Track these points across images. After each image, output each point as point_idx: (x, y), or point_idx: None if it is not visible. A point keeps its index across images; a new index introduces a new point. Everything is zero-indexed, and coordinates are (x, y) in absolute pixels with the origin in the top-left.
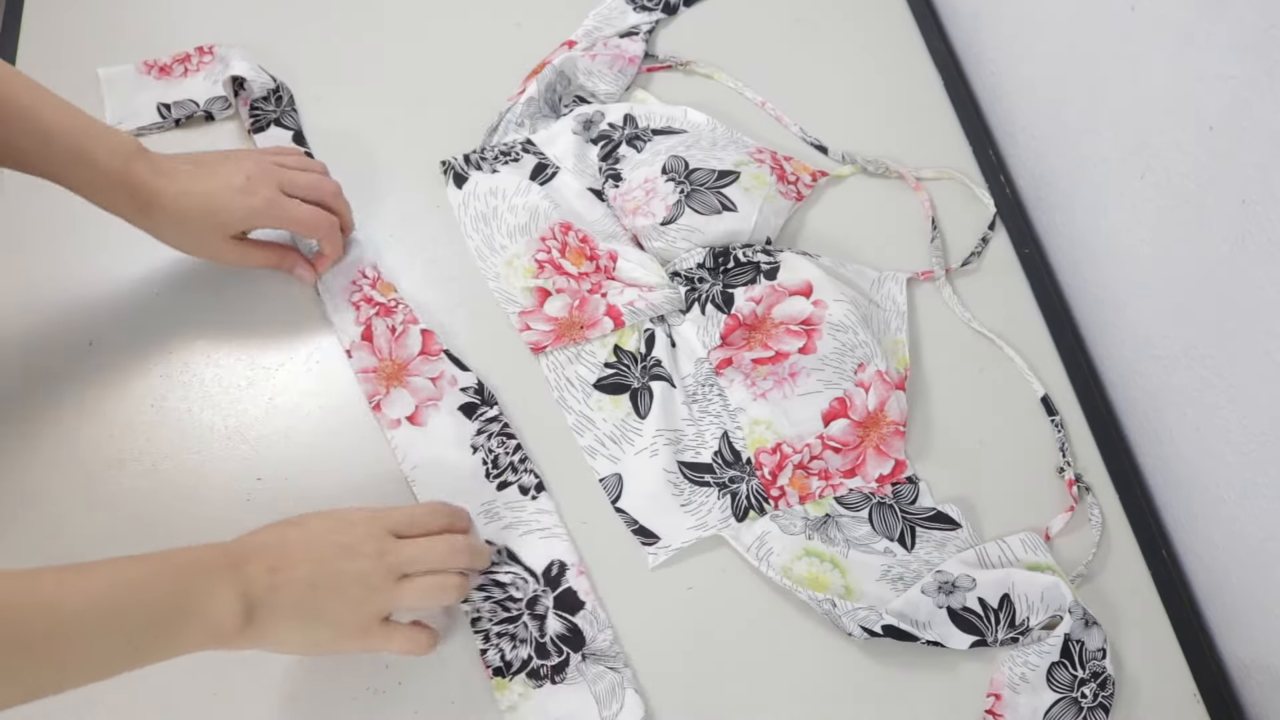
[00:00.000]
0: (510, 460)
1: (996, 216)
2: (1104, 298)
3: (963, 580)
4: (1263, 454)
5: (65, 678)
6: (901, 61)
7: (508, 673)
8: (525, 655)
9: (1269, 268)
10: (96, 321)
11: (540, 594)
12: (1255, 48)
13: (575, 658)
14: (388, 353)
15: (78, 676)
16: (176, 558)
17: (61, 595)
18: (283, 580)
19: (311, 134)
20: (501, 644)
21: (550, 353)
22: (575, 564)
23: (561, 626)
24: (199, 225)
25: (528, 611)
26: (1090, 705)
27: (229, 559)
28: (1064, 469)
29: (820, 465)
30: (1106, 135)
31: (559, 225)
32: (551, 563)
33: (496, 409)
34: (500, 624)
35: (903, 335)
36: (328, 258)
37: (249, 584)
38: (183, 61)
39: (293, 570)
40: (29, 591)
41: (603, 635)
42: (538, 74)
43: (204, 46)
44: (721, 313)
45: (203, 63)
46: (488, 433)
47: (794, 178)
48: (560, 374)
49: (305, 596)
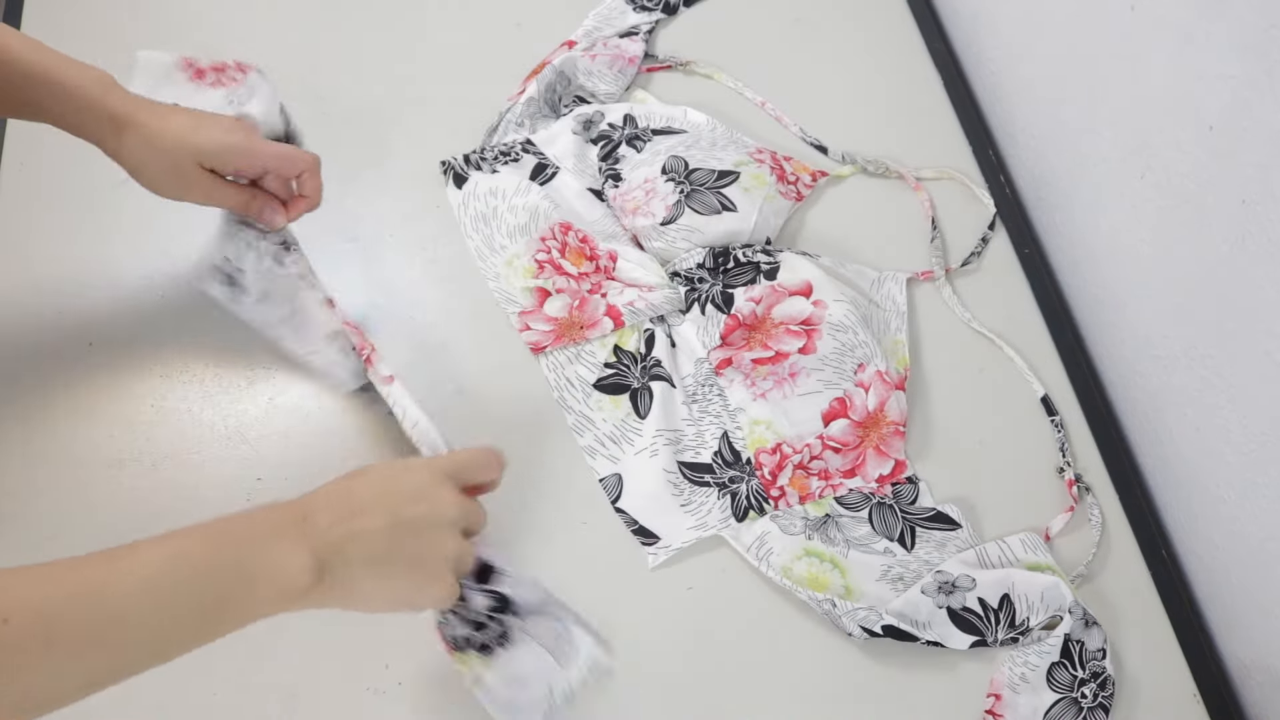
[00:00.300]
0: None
1: (996, 216)
2: (1104, 298)
3: (963, 580)
4: (1263, 454)
5: (127, 665)
6: (901, 61)
7: (465, 648)
8: (466, 634)
9: (1269, 268)
10: (96, 322)
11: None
12: (1255, 47)
13: (514, 620)
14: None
15: (139, 662)
16: (235, 523)
17: (110, 580)
18: (356, 529)
19: (311, 134)
20: (452, 619)
21: (550, 353)
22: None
23: (486, 600)
24: (173, 150)
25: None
26: (1090, 705)
27: (294, 515)
28: (1064, 469)
29: (820, 465)
30: (1106, 135)
31: (559, 225)
32: None
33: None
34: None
35: (903, 335)
36: (305, 201)
37: (319, 538)
38: (218, 71)
39: (366, 519)
40: (74, 583)
41: (526, 590)
42: (538, 74)
43: (244, 64)
44: (721, 313)
45: (233, 79)
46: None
47: (794, 178)
48: (560, 374)
49: (380, 546)
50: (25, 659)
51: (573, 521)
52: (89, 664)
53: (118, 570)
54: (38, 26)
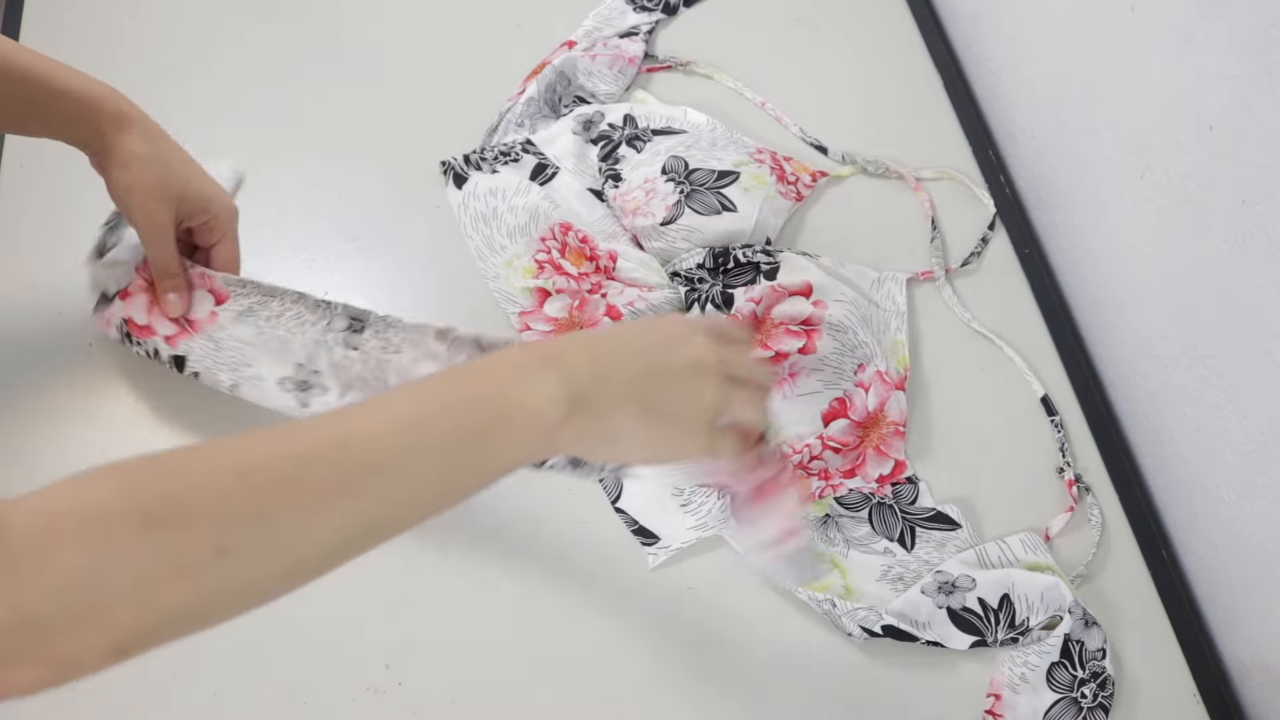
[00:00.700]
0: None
1: (996, 216)
2: (1104, 298)
3: (962, 580)
4: (1263, 454)
5: (382, 518)
6: (901, 61)
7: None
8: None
9: (1269, 268)
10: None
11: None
12: (1255, 47)
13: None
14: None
15: (394, 516)
16: (479, 365)
17: (355, 426)
18: (610, 368)
19: (311, 134)
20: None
21: None
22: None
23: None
24: (172, 161)
25: None
26: (1090, 705)
27: (542, 354)
28: (1064, 469)
29: (820, 465)
30: (1106, 135)
31: (559, 225)
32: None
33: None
34: None
35: (903, 335)
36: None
37: (572, 375)
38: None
39: (620, 359)
40: (316, 435)
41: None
42: (538, 74)
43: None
44: (721, 313)
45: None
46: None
47: (794, 178)
48: None
49: (638, 384)
50: (270, 511)
51: (573, 521)
52: (342, 515)
53: (364, 417)
54: (38, 26)
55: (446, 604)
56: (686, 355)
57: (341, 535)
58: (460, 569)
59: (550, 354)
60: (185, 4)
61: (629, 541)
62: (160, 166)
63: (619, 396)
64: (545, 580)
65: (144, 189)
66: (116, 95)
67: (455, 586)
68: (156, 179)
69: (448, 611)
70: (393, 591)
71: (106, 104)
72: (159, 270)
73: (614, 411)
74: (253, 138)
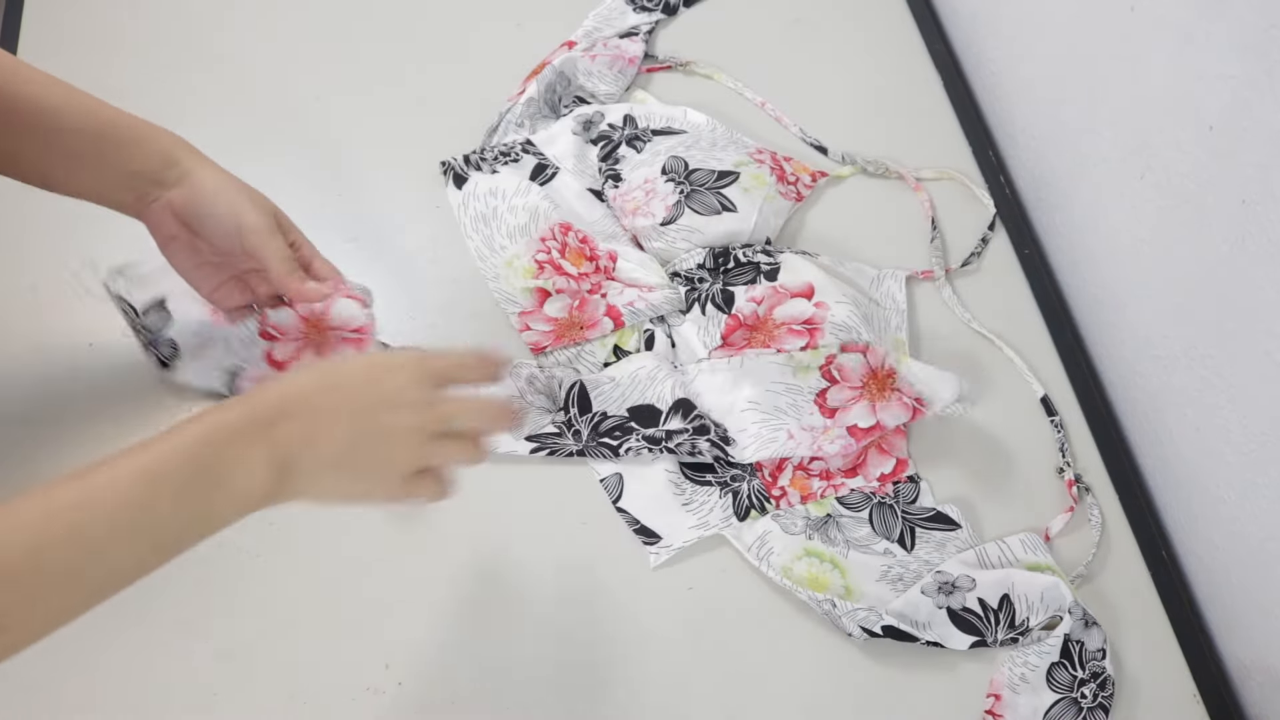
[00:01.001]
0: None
1: (996, 217)
2: (1104, 298)
3: (962, 581)
4: (1263, 454)
5: (105, 585)
6: (901, 61)
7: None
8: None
9: (1269, 268)
10: (96, 322)
11: None
12: (1255, 48)
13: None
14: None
15: (115, 583)
16: (191, 431)
17: (88, 508)
18: (320, 438)
19: (311, 134)
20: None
21: (550, 353)
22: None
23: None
24: (243, 191)
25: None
26: (1090, 705)
27: (256, 419)
28: (1064, 469)
29: (821, 466)
30: (1106, 135)
31: (559, 226)
32: None
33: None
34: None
35: (903, 334)
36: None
37: (281, 446)
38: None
39: (331, 428)
40: (50, 523)
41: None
42: (537, 74)
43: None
44: (722, 313)
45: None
46: None
47: (794, 178)
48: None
49: (344, 454)
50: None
51: (573, 521)
52: (65, 594)
53: (97, 495)
54: (38, 26)
55: (447, 604)
56: (395, 421)
57: (68, 606)
58: (460, 569)
59: (268, 417)
60: (185, 4)
61: (629, 541)
62: (236, 194)
63: (324, 464)
64: (545, 580)
65: (221, 227)
66: (168, 132)
67: (455, 587)
68: (233, 210)
69: (448, 611)
70: (393, 592)
71: (167, 136)
72: (285, 264)
73: (317, 478)
74: (253, 138)
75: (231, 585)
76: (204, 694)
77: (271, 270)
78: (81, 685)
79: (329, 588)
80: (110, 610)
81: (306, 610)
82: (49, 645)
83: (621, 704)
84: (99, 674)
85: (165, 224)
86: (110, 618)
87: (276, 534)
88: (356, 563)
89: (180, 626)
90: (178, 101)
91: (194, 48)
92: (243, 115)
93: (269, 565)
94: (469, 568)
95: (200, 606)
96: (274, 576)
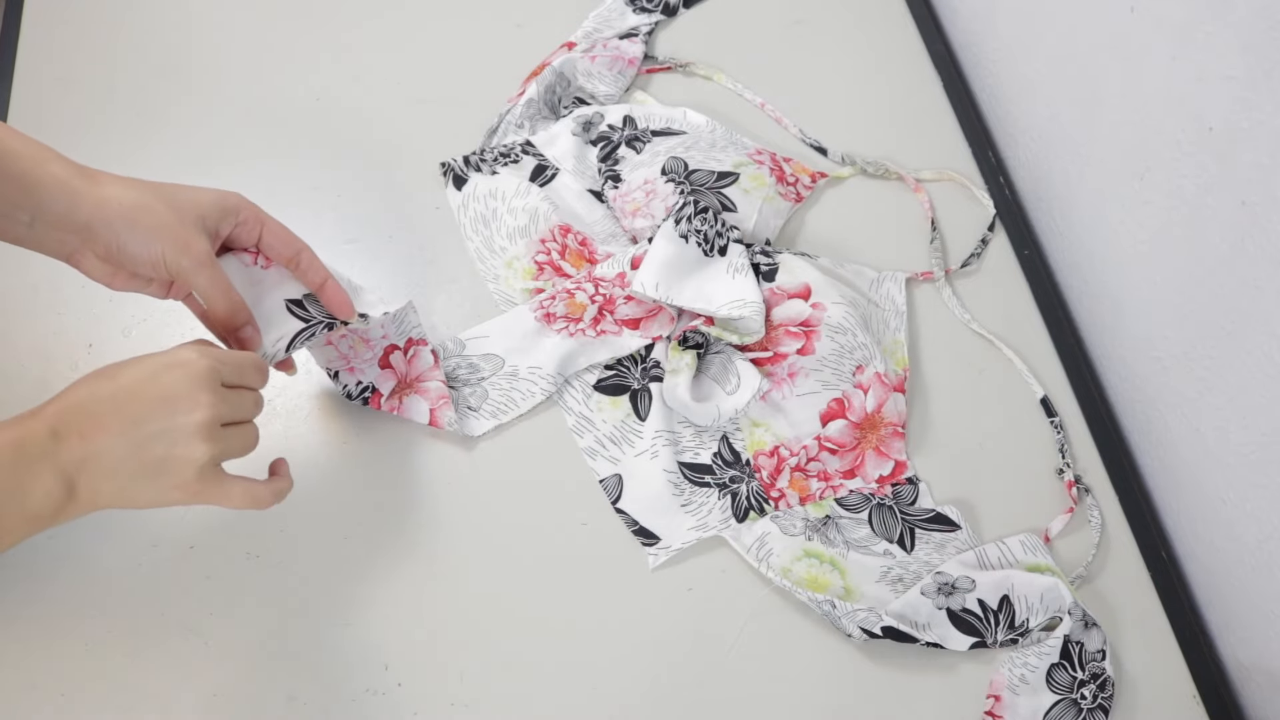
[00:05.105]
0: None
1: (996, 217)
2: (1104, 298)
3: (962, 582)
4: (1263, 455)
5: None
6: (901, 62)
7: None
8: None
9: (1269, 269)
10: (96, 322)
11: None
12: (1255, 48)
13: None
14: (404, 373)
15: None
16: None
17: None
18: (97, 448)
19: (311, 134)
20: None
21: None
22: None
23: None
24: (171, 198)
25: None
26: (1090, 706)
27: (37, 434)
28: (1063, 470)
29: (818, 467)
30: (1106, 136)
31: (558, 227)
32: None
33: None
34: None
35: (902, 335)
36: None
37: (64, 459)
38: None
39: (106, 436)
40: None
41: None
42: (537, 75)
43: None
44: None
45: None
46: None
47: (793, 179)
48: None
49: (128, 459)
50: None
51: (573, 522)
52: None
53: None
54: (38, 27)
55: (446, 605)
56: (175, 424)
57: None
58: (460, 570)
59: (50, 427)
60: (185, 4)
61: (629, 542)
62: (160, 198)
63: (106, 474)
64: (545, 580)
65: (159, 241)
66: (59, 156)
67: (455, 587)
68: (166, 220)
69: (448, 612)
70: (392, 592)
71: (60, 162)
72: (229, 309)
73: (103, 488)
74: (253, 138)
75: (231, 585)
76: (204, 695)
77: (209, 309)
78: (81, 685)
79: (329, 588)
80: (110, 610)
81: (306, 611)
82: (49, 645)
83: (621, 704)
84: (99, 674)
85: (96, 270)
86: (110, 617)
87: (276, 534)
88: (356, 563)
89: (180, 626)
90: (177, 102)
91: (193, 48)
92: (242, 116)
93: (269, 566)
94: (469, 568)
95: (200, 606)
96: (274, 577)
